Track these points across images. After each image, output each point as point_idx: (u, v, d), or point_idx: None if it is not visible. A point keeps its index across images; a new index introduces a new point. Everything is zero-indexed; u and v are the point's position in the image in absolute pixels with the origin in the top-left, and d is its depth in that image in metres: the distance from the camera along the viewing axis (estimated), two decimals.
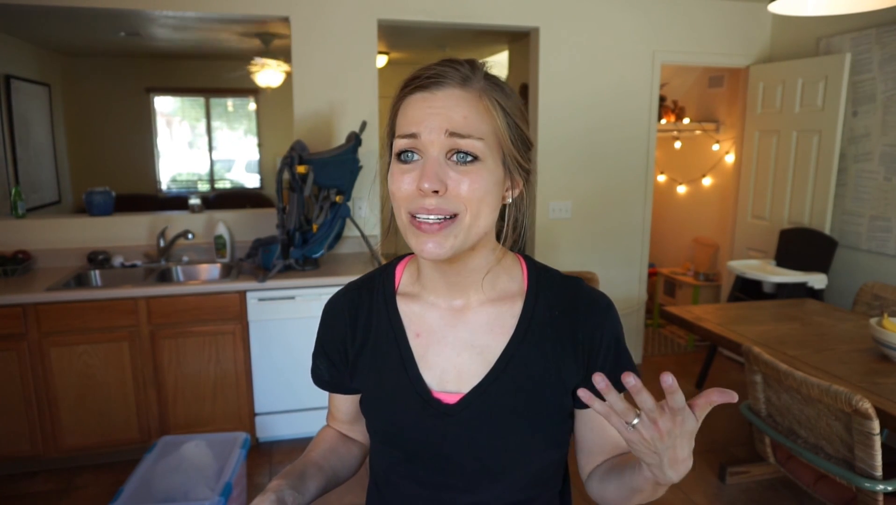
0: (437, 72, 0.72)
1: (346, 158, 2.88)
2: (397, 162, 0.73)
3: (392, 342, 0.83)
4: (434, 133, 0.70)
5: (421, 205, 0.70)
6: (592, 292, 0.83)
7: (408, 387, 0.80)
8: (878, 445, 1.67)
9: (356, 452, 0.96)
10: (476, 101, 0.72)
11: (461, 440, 0.78)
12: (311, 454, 0.90)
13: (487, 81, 0.74)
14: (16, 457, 2.59)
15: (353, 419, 0.94)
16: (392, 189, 0.73)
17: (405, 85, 0.74)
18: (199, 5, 2.96)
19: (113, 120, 6.39)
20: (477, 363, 0.79)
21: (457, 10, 3.28)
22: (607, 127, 3.63)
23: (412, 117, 0.71)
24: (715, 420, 3.21)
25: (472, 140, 0.70)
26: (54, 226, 3.05)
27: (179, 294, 2.63)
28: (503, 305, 0.81)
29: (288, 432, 2.91)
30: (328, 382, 0.91)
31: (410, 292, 0.85)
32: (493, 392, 0.78)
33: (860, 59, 3.23)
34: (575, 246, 3.71)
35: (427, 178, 0.69)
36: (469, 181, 0.70)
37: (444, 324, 0.82)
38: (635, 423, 0.63)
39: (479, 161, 0.71)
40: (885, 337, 2.11)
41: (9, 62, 4.74)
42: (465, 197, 0.70)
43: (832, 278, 3.38)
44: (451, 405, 0.79)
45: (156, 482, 2.04)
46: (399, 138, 0.73)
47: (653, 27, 3.60)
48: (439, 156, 0.70)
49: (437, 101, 0.71)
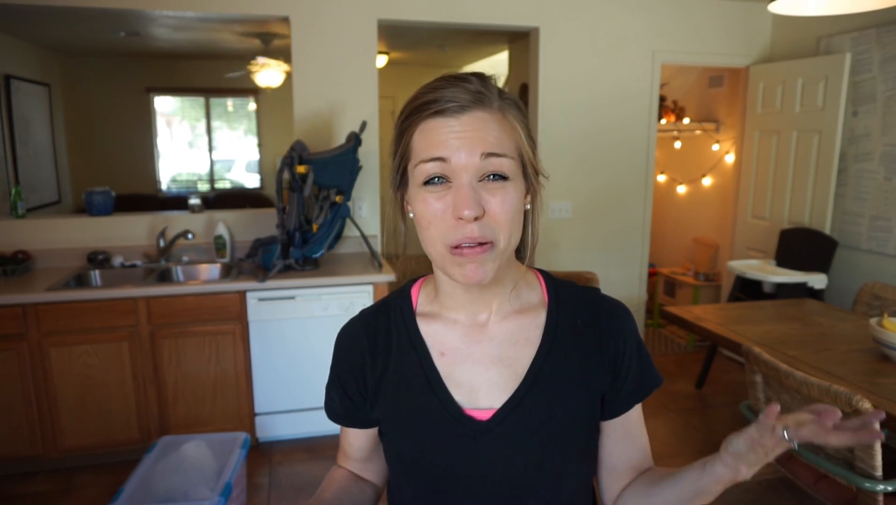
0: (452, 95, 0.70)
1: (346, 158, 2.88)
2: (424, 188, 0.71)
3: (416, 364, 0.80)
4: (466, 156, 0.68)
5: (463, 235, 0.69)
6: (611, 301, 0.84)
7: (437, 408, 0.77)
8: (878, 445, 1.67)
9: (370, 492, 0.92)
10: (501, 120, 0.71)
11: (496, 457, 0.76)
12: (323, 495, 0.86)
13: (501, 97, 0.73)
14: (16, 457, 2.59)
15: (367, 456, 0.91)
16: (425, 218, 0.71)
17: (416, 109, 0.72)
18: (199, 5, 2.96)
19: (113, 120, 6.39)
20: (507, 377, 0.78)
21: (457, 10, 3.28)
22: (607, 127, 3.63)
23: (439, 142, 0.69)
24: (715, 420, 3.21)
25: (505, 159, 0.70)
26: (54, 226, 3.05)
27: (179, 294, 2.62)
28: (526, 317, 0.81)
29: (288, 432, 2.91)
30: (343, 415, 0.87)
31: (429, 312, 0.83)
32: (527, 404, 0.76)
33: (860, 59, 3.23)
34: (575, 246, 3.71)
35: (466, 205, 0.67)
36: (500, 202, 0.69)
37: (468, 341, 0.80)
38: (786, 435, 0.62)
39: (509, 180, 0.70)
40: (885, 337, 2.11)
41: (9, 62, 4.74)
42: (500, 220, 0.70)
43: (832, 278, 3.38)
44: (484, 422, 0.76)
45: (156, 482, 2.03)
46: (424, 163, 0.70)
47: (653, 27, 3.60)
48: (471, 180, 0.69)
49: (464, 126, 0.69)
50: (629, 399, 0.81)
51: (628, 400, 0.81)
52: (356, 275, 2.82)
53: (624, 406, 0.81)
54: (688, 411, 3.29)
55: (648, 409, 3.29)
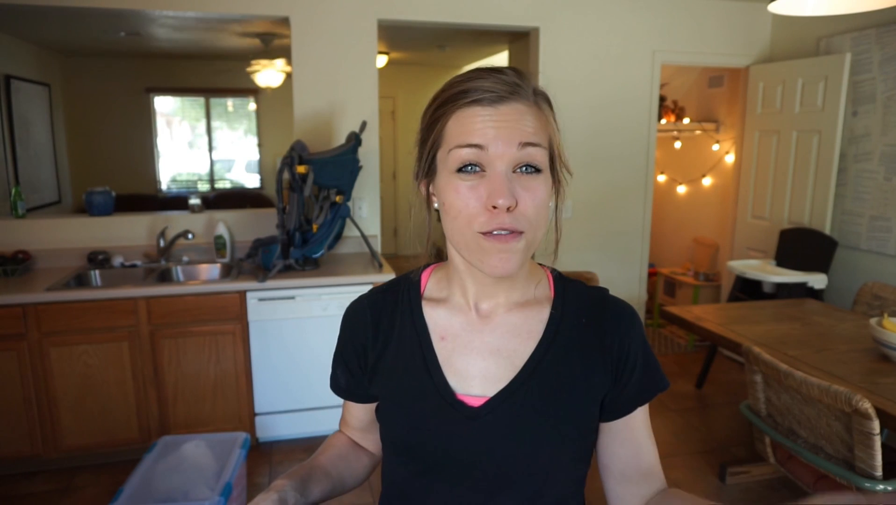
0: (489, 86, 0.70)
1: (346, 158, 2.88)
2: (457, 175, 0.70)
3: (416, 346, 0.81)
4: (503, 145, 0.68)
5: (498, 223, 0.68)
6: (618, 301, 0.83)
7: (431, 390, 0.78)
8: (878, 445, 1.67)
9: (366, 461, 0.95)
10: (538, 112, 0.72)
11: (485, 447, 0.76)
12: (319, 458, 0.89)
13: (535, 91, 0.73)
14: (16, 457, 2.59)
15: (366, 427, 0.93)
16: (457, 205, 0.70)
17: (451, 98, 0.72)
18: (199, 5, 2.96)
19: (113, 120, 6.38)
20: (504, 368, 0.78)
21: (457, 10, 3.28)
22: (607, 127, 3.63)
23: (475, 129, 0.69)
24: (715, 420, 3.21)
25: (540, 149, 0.70)
26: (54, 226, 3.05)
27: (179, 294, 2.62)
28: (531, 311, 0.81)
29: (288, 432, 2.91)
30: (344, 389, 0.89)
31: (437, 297, 0.84)
32: (520, 396, 0.76)
33: (860, 59, 3.23)
34: (575, 246, 3.71)
35: (501, 195, 0.67)
36: (532, 196, 0.70)
37: (470, 329, 0.80)
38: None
39: (541, 173, 0.71)
40: (885, 337, 2.11)
41: (9, 62, 4.74)
42: (530, 214, 0.70)
43: (832, 278, 3.38)
44: (475, 408, 0.77)
45: (156, 482, 2.03)
46: (459, 148, 0.70)
47: (653, 27, 3.60)
48: (507, 170, 0.69)
49: (502, 116, 0.69)
50: (632, 402, 0.81)
51: (631, 403, 0.81)
52: (356, 275, 2.82)
53: (626, 408, 0.81)
54: (688, 411, 3.29)
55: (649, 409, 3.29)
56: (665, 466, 0.83)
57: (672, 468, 2.69)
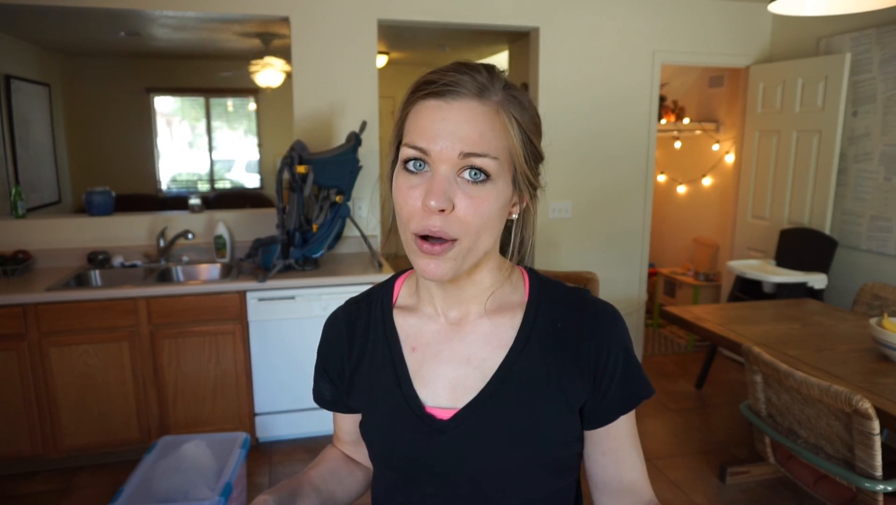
0: (454, 79, 0.67)
1: (346, 158, 2.88)
2: (403, 171, 0.69)
3: (387, 357, 0.79)
4: (446, 150, 0.66)
5: (426, 225, 0.67)
6: (598, 304, 0.79)
7: (402, 403, 0.76)
8: (878, 445, 1.67)
9: (359, 475, 0.92)
10: (493, 116, 0.68)
11: (455, 459, 0.74)
12: (309, 472, 0.87)
13: (506, 93, 0.70)
14: (16, 457, 2.59)
15: (357, 440, 0.90)
16: (398, 202, 0.70)
17: (417, 88, 0.70)
18: (199, 5, 2.96)
19: (113, 120, 6.39)
20: (473, 378, 0.75)
21: (457, 10, 3.28)
22: (607, 127, 3.63)
23: (423, 128, 0.67)
24: (715, 420, 3.21)
25: (487, 159, 0.67)
26: (54, 226, 3.05)
27: (179, 294, 2.62)
28: (502, 318, 0.78)
29: (288, 432, 2.91)
30: (329, 400, 0.88)
31: (408, 305, 0.82)
32: (490, 407, 0.74)
33: (860, 59, 3.23)
34: (575, 246, 3.71)
35: (434, 196, 0.65)
36: (475, 205, 0.67)
37: (441, 338, 0.78)
38: None
39: (490, 181, 0.67)
40: (885, 337, 2.11)
41: (9, 62, 4.74)
42: (468, 222, 0.67)
43: (832, 278, 3.38)
44: (444, 421, 0.74)
45: (156, 482, 2.03)
46: (406, 147, 0.69)
47: (653, 27, 3.60)
48: (449, 173, 0.67)
49: (452, 114, 0.66)
50: (612, 410, 0.76)
51: (612, 411, 0.76)
52: (356, 275, 2.82)
53: (606, 417, 0.77)
54: (688, 411, 3.29)
55: (649, 409, 3.29)
56: (665, 466, 0.82)
57: (672, 468, 2.69)
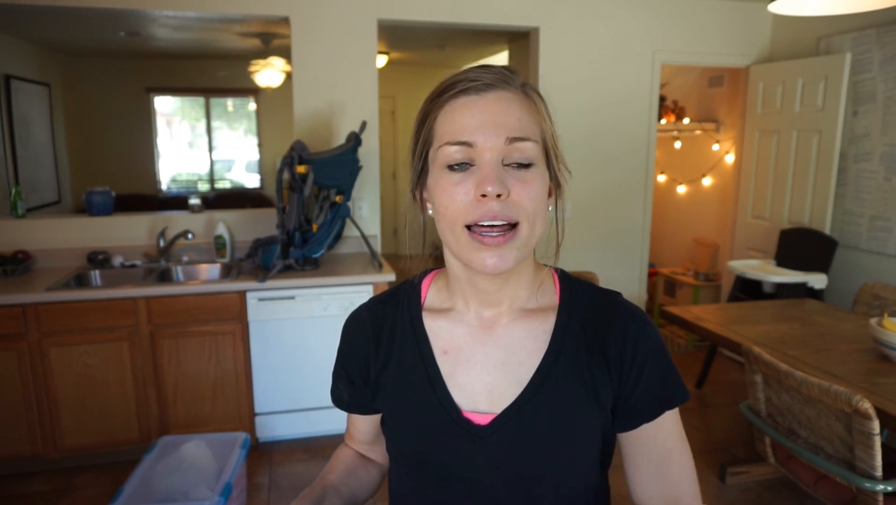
0: (478, 76, 0.69)
1: (346, 158, 2.88)
2: (447, 172, 0.68)
3: (418, 360, 0.78)
4: (491, 139, 0.66)
5: (483, 212, 0.66)
6: (629, 307, 0.79)
7: (436, 407, 0.75)
8: (878, 445, 1.67)
9: (375, 473, 0.93)
10: (524, 101, 0.70)
11: (494, 464, 0.73)
12: (328, 477, 0.86)
13: (525, 83, 0.72)
14: (16, 457, 2.59)
15: (373, 439, 0.91)
16: (444, 202, 0.68)
17: (443, 91, 0.70)
18: (199, 5, 2.96)
19: (113, 120, 6.39)
20: (509, 382, 0.75)
21: (457, 10, 3.28)
22: (607, 127, 3.63)
23: (463, 123, 0.67)
24: (715, 420, 3.21)
25: (529, 143, 0.68)
26: (54, 226, 3.05)
27: (179, 294, 2.62)
28: (535, 320, 0.77)
29: (288, 432, 2.90)
30: (347, 402, 0.87)
31: (437, 307, 0.81)
32: (528, 413, 0.73)
33: (860, 59, 3.23)
34: (575, 246, 3.71)
35: (490, 182, 0.65)
36: (527, 188, 0.67)
37: (473, 340, 0.77)
38: None
39: (534, 166, 0.69)
40: (885, 337, 2.11)
41: (9, 62, 4.74)
42: (524, 205, 0.67)
43: (832, 278, 3.38)
44: (482, 426, 0.74)
45: (156, 482, 2.04)
46: (448, 145, 0.68)
47: (653, 27, 3.60)
48: (497, 160, 0.67)
49: (488, 104, 0.68)
50: (642, 414, 0.75)
51: (641, 415, 0.75)
52: (356, 275, 2.82)
53: (635, 421, 0.76)
54: (688, 411, 3.29)
55: None
56: None
57: None
